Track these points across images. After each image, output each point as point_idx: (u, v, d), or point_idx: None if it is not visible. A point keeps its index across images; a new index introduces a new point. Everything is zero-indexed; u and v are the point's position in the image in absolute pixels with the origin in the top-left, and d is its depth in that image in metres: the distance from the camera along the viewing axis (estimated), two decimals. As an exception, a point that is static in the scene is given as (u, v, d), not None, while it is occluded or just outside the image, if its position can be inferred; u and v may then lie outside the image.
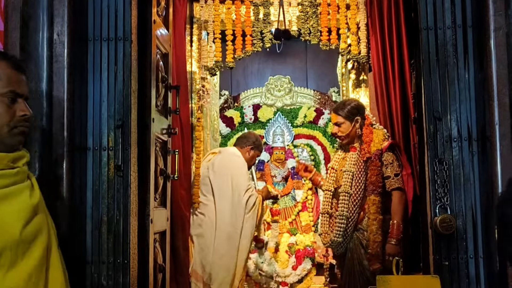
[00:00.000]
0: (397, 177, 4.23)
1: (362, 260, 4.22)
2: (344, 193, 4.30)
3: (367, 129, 4.37)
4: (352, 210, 4.26)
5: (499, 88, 2.67)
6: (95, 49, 2.99)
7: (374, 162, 4.25)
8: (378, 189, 4.23)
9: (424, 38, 2.96)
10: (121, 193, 2.98)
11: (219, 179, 5.12)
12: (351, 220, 4.25)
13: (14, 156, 1.97)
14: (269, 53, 7.06)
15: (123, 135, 3.00)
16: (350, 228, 4.26)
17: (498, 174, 2.65)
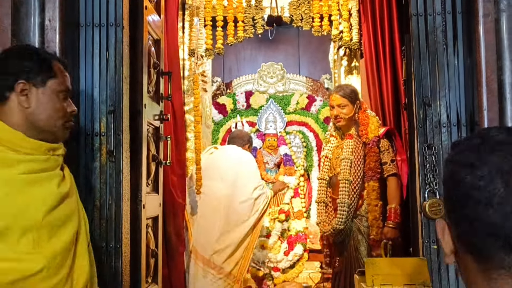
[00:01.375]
0: (393, 163, 4.29)
1: (359, 246, 4.28)
2: (344, 181, 4.34)
3: (363, 114, 4.42)
4: (353, 197, 4.31)
5: (488, 74, 2.70)
6: (86, 35, 3.00)
7: (373, 148, 4.30)
8: (377, 175, 4.31)
9: (414, 24, 2.97)
10: (113, 178, 3.00)
11: (228, 165, 5.24)
12: (352, 206, 4.30)
13: (51, 146, 2.11)
14: (262, 39, 7.07)
15: (115, 121, 3.01)
16: (350, 215, 4.31)
17: (486, 159, 2.68)
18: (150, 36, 3.76)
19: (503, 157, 0.96)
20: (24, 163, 2.00)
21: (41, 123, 2.08)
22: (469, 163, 0.99)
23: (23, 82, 2.06)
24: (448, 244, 1.05)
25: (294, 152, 7.49)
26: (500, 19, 2.69)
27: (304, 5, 5.45)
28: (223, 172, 5.20)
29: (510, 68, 2.66)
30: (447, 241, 1.05)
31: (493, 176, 0.95)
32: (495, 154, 0.97)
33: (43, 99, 2.09)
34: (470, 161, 0.99)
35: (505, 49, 2.67)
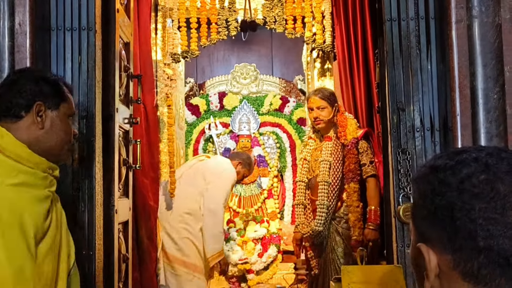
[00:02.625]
0: (372, 164, 4.31)
1: (336, 248, 4.30)
2: (323, 183, 4.35)
3: (341, 116, 4.43)
4: (331, 199, 4.32)
5: (461, 79, 2.71)
6: (58, 39, 2.94)
7: (352, 150, 4.31)
8: (357, 177, 4.32)
9: (388, 29, 2.98)
10: (86, 184, 2.95)
11: (207, 174, 5.12)
12: (331, 208, 4.32)
13: (51, 165, 2.12)
14: (235, 40, 7.05)
15: (88, 126, 2.97)
16: (329, 216, 4.33)
17: (459, 164, 2.70)
18: (121, 39, 3.73)
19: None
20: (24, 174, 2.01)
21: (51, 143, 2.13)
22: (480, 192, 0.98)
23: (40, 103, 2.10)
24: (434, 268, 1.02)
25: (268, 153, 7.50)
26: (472, 25, 2.71)
27: (277, 7, 5.44)
28: (199, 178, 5.13)
29: (482, 74, 2.68)
30: (434, 264, 1.02)
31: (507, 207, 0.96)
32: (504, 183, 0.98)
33: (56, 121, 2.15)
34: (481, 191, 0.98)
35: (477, 55, 2.69)
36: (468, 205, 0.96)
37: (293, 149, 7.50)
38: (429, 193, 1.02)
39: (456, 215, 0.97)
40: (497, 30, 2.70)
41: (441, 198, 1.00)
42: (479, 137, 2.67)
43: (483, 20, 2.71)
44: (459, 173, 1.00)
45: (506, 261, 0.95)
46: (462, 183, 0.98)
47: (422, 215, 1.04)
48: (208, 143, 7.55)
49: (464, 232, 0.97)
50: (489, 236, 0.95)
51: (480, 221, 0.95)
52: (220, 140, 7.54)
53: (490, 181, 0.97)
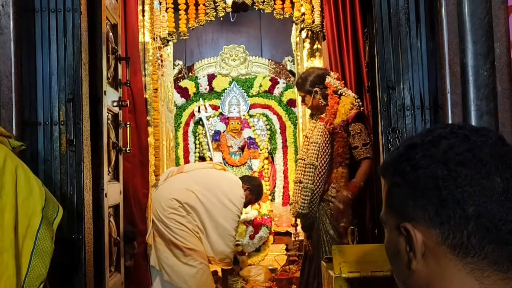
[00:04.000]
0: (366, 146, 4.12)
1: (328, 230, 4.24)
2: (310, 165, 4.24)
3: (332, 99, 4.24)
4: (318, 182, 4.22)
5: (451, 57, 2.69)
6: (42, 21, 2.89)
7: (340, 133, 4.13)
8: (346, 161, 4.15)
9: (377, 7, 2.95)
10: (74, 168, 2.92)
11: (215, 186, 4.99)
12: (316, 192, 4.22)
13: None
14: (223, 22, 7.00)
15: (75, 109, 2.92)
16: (315, 199, 4.22)
17: (449, 142, 2.69)
18: (108, 21, 3.68)
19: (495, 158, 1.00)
20: None
21: None
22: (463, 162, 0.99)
23: None
24: (420, 246, 1.01)
25: (258, 135, 7.49)
26: (462, 2, 2.68)
27: (266, -13, 5.40)
28: (208, 185, 5.00)
29: (472, 51, 2.66)
30: (420, 242, 1.01)
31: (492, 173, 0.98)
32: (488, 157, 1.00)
33: None
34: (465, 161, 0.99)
35: (467, 32, 2.67)
36: (455, 173, 0.97)
37: (283, 131, 7.48)
38: (410, 169, 1.02)
39: (442, 185, 0.98)
40: (487, 6, 2.68)
41: (425, 170, 1.00)
42: (470, 114, 2.66)
43: (473, -4, 2.69)
44: (439, 145, 1.01)
45: (495, 226, 0.96)
46: (446, 153, 0.99)
47: (403, 193, 1.03)
48: (198, 125, 7.51)
49: (452, 201, 0.97)
50: (478, 202, 0.96)
51: (468, 188, 0.96)
52: (210, 123, 7.51)
53: (471, 149, 0.99)
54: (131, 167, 4.74)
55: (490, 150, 1.00)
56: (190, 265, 4.52)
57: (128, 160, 4.64)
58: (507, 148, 1.02)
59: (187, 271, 4.47)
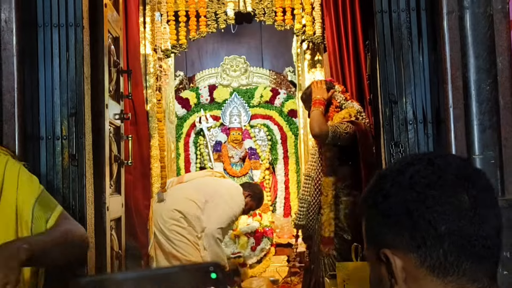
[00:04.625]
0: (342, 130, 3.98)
1: None
2: (306, 177, 4.25)
3: (332, 113, 4.22)
4: (314, 194, 4.20)
5: (453, 71, 2.70)
6: (45, 36, 2.89)
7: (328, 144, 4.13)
8: (325, 170, 4.11)
9: (379, 21, 2.95)
10: (76, 182, 2.91)
11: (216, 192, 5.01)
12: (313, 203, 4.19)
13: None
14: (224, 33, 7.01)
15: (77, 124, 2.92)
16: (313, 211, 4.21)
17: (452, 156, 2.69)
18: (110, 34, 3.69)
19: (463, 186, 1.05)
20: None
21: None
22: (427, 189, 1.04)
23: None
24: (401, 271, 1.04)
25: (259, 146, 7.48)
26: (464, 17, 2.69)
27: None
28: (206, 190, 5.01)
29: (474, 66, 2.67)
30: (400, 267, 1.04)
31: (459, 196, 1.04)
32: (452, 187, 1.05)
33: None
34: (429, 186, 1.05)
35: (469, 46, 2.68)
36: (423, 195, 1.02)
37: (284, 141, 7.48)
38: (382, 199, 1.07)
39: (412, 209, 1.02)
40: (489, 20, 2.68)
41: (395, 198, 1.05)
42: (472, 129, 2.66)
43: (475, 11, 2.70)
44: (406, 172, 1.06)
45: (468, 242, 1.00)
46: (412, 178, 1.04)
47: (379, 223, 1.07)
48: (199, 136, 7.51)
49: (423, 222, 1.01)
50: (448, 220, 1.00)
51: (437, 207, 1.01)
52: (211, 133, 7.51)
53: (436, 172, 1.04)
54: (133, 179, 4.74)
55: (455, 171, 1.05)
56: None
57: (130, 172, 4.64)
58: (472, 169, 1.09)
59: None
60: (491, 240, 1.02)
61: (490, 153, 2.66)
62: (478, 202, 1.02)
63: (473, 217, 1.01)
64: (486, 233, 1.01)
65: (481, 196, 1.03)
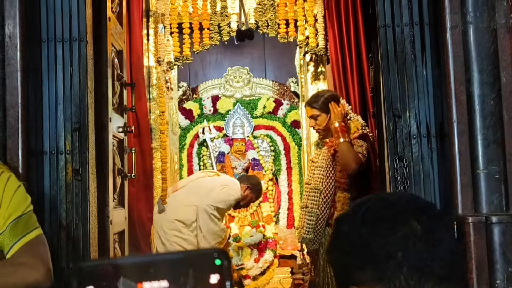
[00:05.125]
0: (361, 154, 3.99)
1: None
2: (315, 190, 4.17)
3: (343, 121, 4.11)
4: (323, 207, 4.15)
5: (456, 86, 2.69)
6: (49, 51, 2.90)
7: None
8: (344, 185, 4.08)
9: (382, 36, 2.96)
10: (80, 197, 2.91)
11: (209, 189, 5.02)
12: (322, 216, 4.15)
13: None
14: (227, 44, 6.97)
15: (81, 138, 2.93)
16: (321, 224, 4.16)
17: (456, 171, 2.68)
18: (114, 48, 3.70)
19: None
20: None
21: None
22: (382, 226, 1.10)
23: None
24: None
25: (262, 157, 7.47)
26: (467, 31, 2.69)
27: (270, 11, 5.42)
28: (201, 192, 5.03)
29: (478, 80, 2.66)
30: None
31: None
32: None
33: None
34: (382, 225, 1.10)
35: (473, 61, 2.67)
36: (376, 227, 1.07)
37: (287, 152, 7.47)
38: (341, 237, 1.13)
39: (369, 242, 1.07)
40: (493, 35, 2.68)
41: (352, 236, 1.10)
42: (477, 143, 2.66)
43: (478, 25, 2.69)
44: (360, 210, 1.12)
45: (425, 265, 1.04)
46: (364, 214, 1.10)
47: (343, 263, 1.13)
48: (202, 147, 7.51)
49: (381, 253, 1.05)
50: (403, 246, 1.05)
51: (391, 237, 1.05)
52: (214, 144, 7.50)
53: (387, 206, 1.10)
54: (136, 191, 4.74)
55: (404, 203, 1.11)
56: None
57: (133, 185, 4.64)
58: (422, 201, 1.15)
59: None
60: (448, 261, 1.06)
61: (494, 168, 2.65)
62: (429, 228, 1.07)
63: (426, 240, 1.05)
64: (441, 254, 1.05)
65: (431, 222, 1.08)
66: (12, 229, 1.98)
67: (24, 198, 2.08)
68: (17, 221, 2.00)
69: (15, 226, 1.99)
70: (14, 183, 2.08)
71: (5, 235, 1.98)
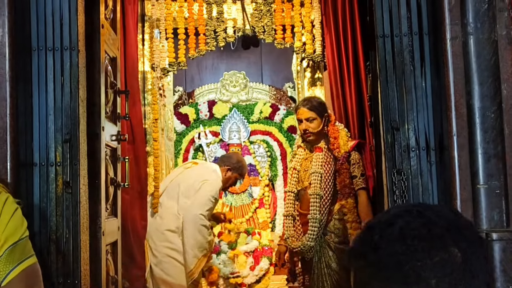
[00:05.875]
0: (363, 177, 4.16)
1: (330, 263, 4.17)
2: (315, 195, 4.19)
3: (333, 128, 4.25)
4: (323, 213, 4.18)
5: (457, 98, 2.63)
6: (39, 60, 2.83)
7: (344, 164, 4.16)
8: (352, 192, 4.16)
9: (381, 46, 2.90)
10: (70, 210, 2.84)
11: (189, 187, 4.93)
12: (322, 223, 4.17)
13: None
14: (224, 48, 6.95)
15: (71, 149, 2.86)
16: (321, 231, 4.19)
17: (456, 185, 2.63)
18: (107, 55, 3.63)
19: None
20: None
21: None
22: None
23: None
24: None
25: (259, 162, 7.41)
26: (468, 42, 2.63)
27: (266, 17, 5.36)
28: (182, 191, 4.96)
29: (479, 93, 2.61)
30: None
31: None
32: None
33: None
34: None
35: (473, 72, 2.62)
36: (412, 247, 1.01)
37: (284, 158, 7.40)
38: (371, 250, 1.05)
39: (402, 261, 1.00)
40: (493, 46, 2.63)
41: (385, 250, 1.03)
42: (477, 157, 2.60)
43: (479, 36, 2.64)
44: (395, 223, 1.05)
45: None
46: (402, 230, 1.03)
47: (368, 275, 1.05)
48: (198, 152, 7.43)
49: (414, 276, 0.99)
50: (439, 274, 0.99)
51: (427, 261, 0.99)
52: (210, 149, 7.43)
53: (426, 224, 1.03)
54: (130, 199, 4.66)
55: (445, 224, 1.03)
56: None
57: (127, 192, 4.56)
58: (463, 220, 1.07)
59: None
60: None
61: (495, 183, 2.59)
62: (468, 256, 1.01)
63: (464, 271, 1.00)
64: (476, 287, 1.00)
65: (471, 249, 1.02)
66: (9, 255, 1.94)
67: (21, 222, 2.03)
68: (14, 247, 1.95)
69: (12, 252, 1.95)
70: (11, 206, 2.03)
71: (1, 261, 1.94)
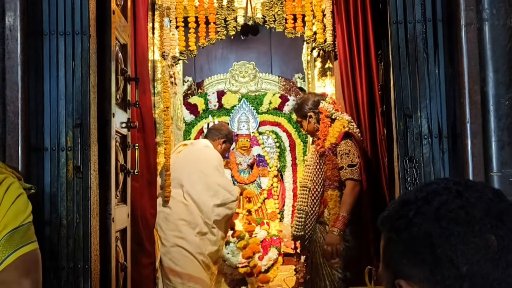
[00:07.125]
0: (352, 167, 4.13)
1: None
2: (303, 188, 4.34)
3: (324, 123, 4.33)
4: (312, 205, 4.24)
5: (471, 85, 2.61)
6: (51, 44, 2.82)
7: (329, 156, 4.20)
8: (335, 183, 4.17)
9: (394, 33, 2.87)
10: (81, 195, 2.84)
11: (188, 171, 4.97)
12: (311, 214, 4.23)
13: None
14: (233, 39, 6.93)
15: (82, 134, 2.85)
16: (310, 222, 4.23)
17: (469, 173, 2.60)
18: (117, 41, 3.61)
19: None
20: None
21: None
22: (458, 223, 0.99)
23: None
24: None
25: (267, 153, 7.39)
26: (483, 29, 2.60)
27: (277, 6, 5.33)
28: (182, 177, 4.98)
29: (493, 80, 2.58)
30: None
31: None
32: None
33: None
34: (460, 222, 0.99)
35: (488, 59, 2.59)
36: (447, 231, 0.97)
37: (292, 148, 7.39)
38: (404, 226, 1.02)
39: (435, 243, 0.98)
40: (509, 33, 2.60)
41: (418, 229, 1.00)
42: (490, 145, 2.58)
43: (494, 23, 2.61)
44: (433, 201, 1.01)
45: (489, 286, 0.96)
46: (438, 210, 1.00)
47: (398, 250, 1.03)
48: (207, 142, 7.42)
49: (445, 260, 0.97)
50: (471, 261, 0.96)
51: (461, 246, 0.96)
52: (219, 140, 7.41)
53: (464, 206, 0.99)
54: (139, 187, 4.65)
55: (484, 207, 0.99)
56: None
57: (136, 180, 4.55)
58: (504, 204, 1.02)
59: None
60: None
61: (508, 171, 2.57)
62: (505, 244, 0.97)
63: (498, 260, 0.96)
64: (511, 278, 0.97)
65: (508, 237, 0.98)
66: (7, 241, 1.90)
67: (23, 208, 1.99)
68: (13, 233, 1.91)
69: (11, 237, 1.91)
70: (15, 191, 2.00)
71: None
